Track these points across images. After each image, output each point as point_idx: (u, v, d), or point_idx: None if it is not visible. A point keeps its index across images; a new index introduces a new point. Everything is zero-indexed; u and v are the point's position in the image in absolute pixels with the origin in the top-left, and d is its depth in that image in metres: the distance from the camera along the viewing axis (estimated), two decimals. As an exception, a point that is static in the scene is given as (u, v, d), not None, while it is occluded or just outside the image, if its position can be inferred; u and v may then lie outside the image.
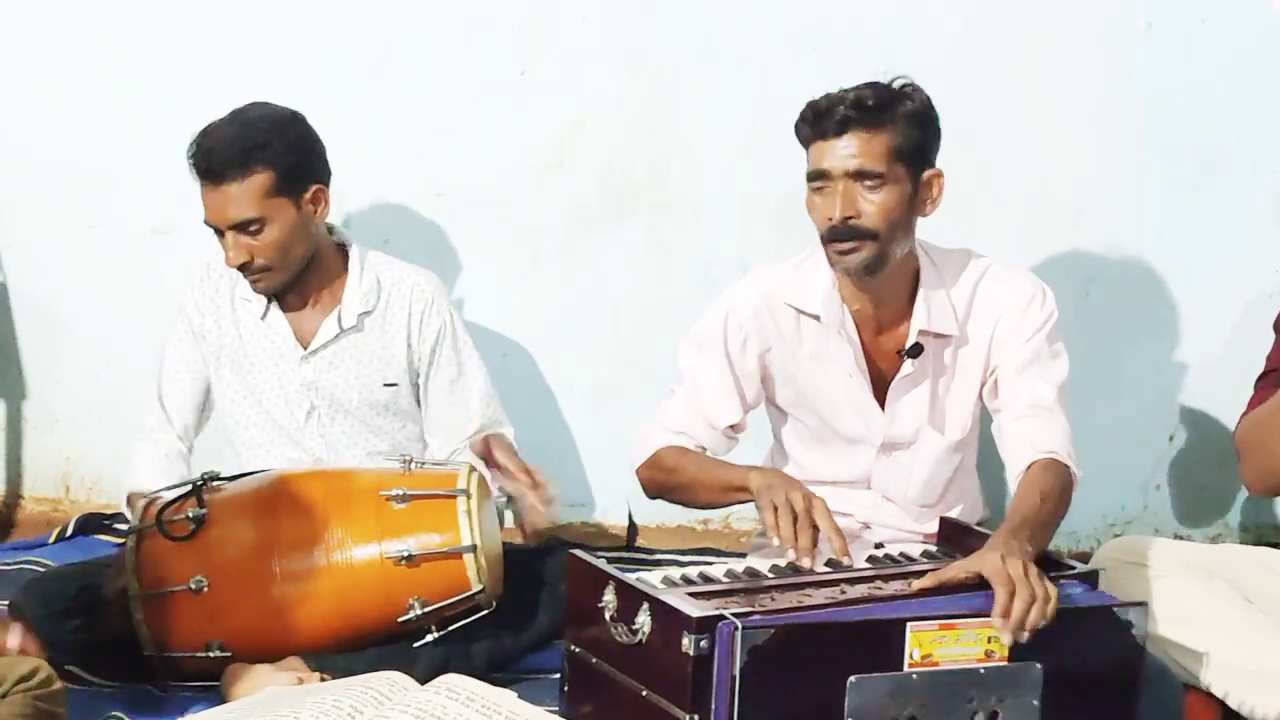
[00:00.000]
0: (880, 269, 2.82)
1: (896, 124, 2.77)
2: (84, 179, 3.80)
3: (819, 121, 2.78)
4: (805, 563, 2.62)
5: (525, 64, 3.75)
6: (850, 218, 2.77)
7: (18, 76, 3.76)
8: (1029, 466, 2.77)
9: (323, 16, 3.74)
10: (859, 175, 2.76)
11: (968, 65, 3.71)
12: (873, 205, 2.77)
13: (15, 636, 2.37)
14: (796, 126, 2.83)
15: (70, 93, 3.76)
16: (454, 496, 2.89)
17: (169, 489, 2.96)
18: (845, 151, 2.76)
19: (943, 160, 2.87)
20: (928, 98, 2.84)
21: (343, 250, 3.26)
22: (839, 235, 2.79)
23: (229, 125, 3.08)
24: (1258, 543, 3.73)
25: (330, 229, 3.25)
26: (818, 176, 2.80)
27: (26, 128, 3.78)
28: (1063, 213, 3.80)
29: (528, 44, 3.75)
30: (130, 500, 3.14)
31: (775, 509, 2.66)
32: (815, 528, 2.64)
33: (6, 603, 3.06)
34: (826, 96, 2.80)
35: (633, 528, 3.89)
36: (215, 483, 2.94)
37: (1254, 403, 2.98)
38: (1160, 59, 3.73)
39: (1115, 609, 2.52)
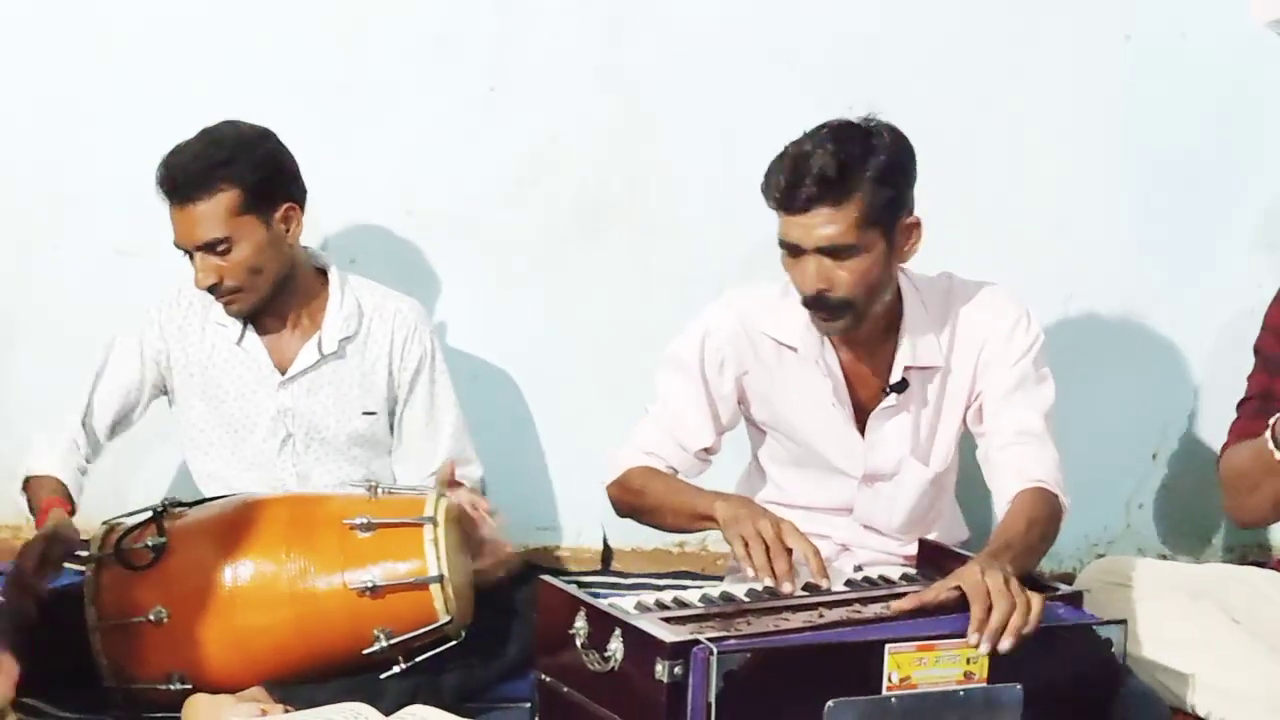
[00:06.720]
0: (860, 326, 2.78)
1: (864, 189, 2.66)
2: (47, 199, 3.74)
3: (783, 198, 2.68)
4: (786, 587, 2.56)
5: (496, 80, 3.70)
6: (824, 290, 2.70)
7: (-21, 96, 3.72)
8: (1017, 495, 2.71)
9: (290, 35, 3.69)
10: (829, 250, 2.68)
11: (946, 79, 3.68)
12: (846, 276, 2.70)
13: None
14: (761, 189, 2.72)
15: (34, 112, 3.71)
16: (420, 525, 2.82)
17: (129, 515, 2.90)
18: (813, 227, 2.67)
19: (921, 174, 2.79)
20: (897, 137, 2.73)
21: (322, 273, 3.20)
22: (814, 305, 2.73)
23: (196, 143, 3.04)
24: (1242, 561, 3.69)
25: (308, 251, 3.19)
26: (788, 248, 2.72)
27: (-11, 147, 3.74)
28: (1042, 227, 3.76)
29: (498, 60, 3.70)
30: (25, 486, 3.09)
31: (745, 541, 2.60)
32: (789, 551, 2.58)
33: None
34: (791, 163, 2.68)
35: (607, 551, 3.83)
36: (176, 509, 2.89)
37: (1234, 430, 2.98)
38: (1140, 71, 3.70)
39: (1095, 627, 2.48)
